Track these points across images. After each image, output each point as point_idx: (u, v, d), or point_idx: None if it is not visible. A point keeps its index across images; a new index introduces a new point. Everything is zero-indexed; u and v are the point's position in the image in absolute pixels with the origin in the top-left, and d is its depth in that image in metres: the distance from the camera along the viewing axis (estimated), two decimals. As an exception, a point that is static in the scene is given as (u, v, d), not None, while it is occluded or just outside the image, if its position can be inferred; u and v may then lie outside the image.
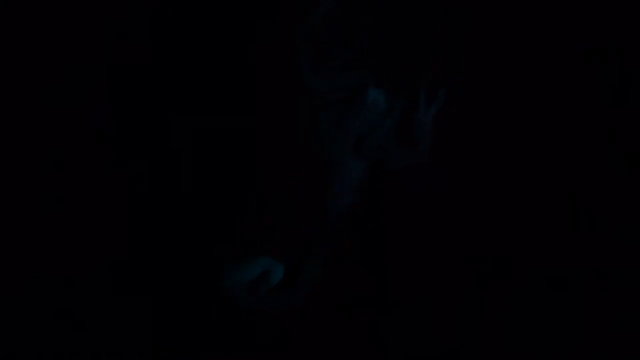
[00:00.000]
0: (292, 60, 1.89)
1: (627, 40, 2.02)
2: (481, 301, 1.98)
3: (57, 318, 2.01)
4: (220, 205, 2.01)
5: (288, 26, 1.91)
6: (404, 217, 1.98)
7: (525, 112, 2.01)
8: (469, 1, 1.98)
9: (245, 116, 1.99)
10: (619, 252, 1.99)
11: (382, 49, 1.98)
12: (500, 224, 2.00)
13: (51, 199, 2.02)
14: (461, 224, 1.99)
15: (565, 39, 2.01)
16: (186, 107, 2.01)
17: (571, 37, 2.01)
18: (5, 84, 2.02)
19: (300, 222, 1.94)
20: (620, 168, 2.01)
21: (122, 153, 2.02)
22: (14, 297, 2.00)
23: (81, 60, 2.03)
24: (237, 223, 1.99)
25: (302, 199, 1.94)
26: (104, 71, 2.02)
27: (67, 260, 2.02)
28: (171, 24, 2.01)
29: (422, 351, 1.97)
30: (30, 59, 2.02)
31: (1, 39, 2.02)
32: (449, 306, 1.97)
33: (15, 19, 2.02)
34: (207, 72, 2.01)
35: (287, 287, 1.94)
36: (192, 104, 2.01)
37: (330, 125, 1.93)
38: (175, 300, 1.99)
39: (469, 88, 1.97)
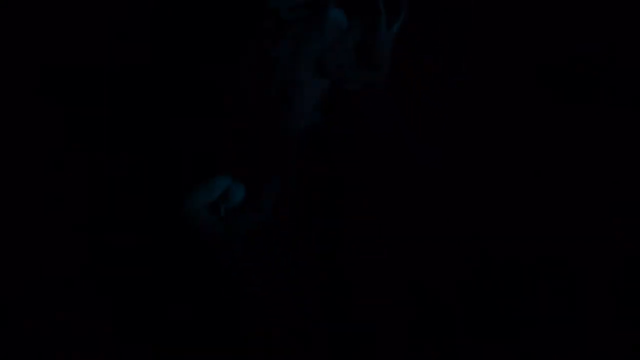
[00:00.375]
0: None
1: (625, 42, 2.06)
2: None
3: (58, 318, 2.00)
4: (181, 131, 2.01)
5: None
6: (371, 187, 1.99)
7: (522, 105, 2.04)
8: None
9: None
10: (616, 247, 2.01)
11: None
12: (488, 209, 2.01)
13: (51, 199, 2.02)
14: (445, 205, 1.99)
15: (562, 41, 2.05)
16: (186, 107, 2.02)
17: (568, 39, 2.05)
18: (4, 84, 2.02)
19: (261, 141, 1.94)
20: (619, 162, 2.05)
21: (122, 153, 2.03)
22: (14, 297, 1.99)
23: (81, 60, 2.04)
24: (196, 144, 1.99)
25: (263, 117, 1.94)
26: (104, 71, 2.03)
27: (67, 261, 2.01)
28: (171, 24, 2.02)
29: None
30: (30, 59, 2.04)
31: (1, 39, 2.03)
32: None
33: (15, 19, 2.03)
34: (207, 72, 2.03)
35: (249, 206, 1.93)
36: (192, 104, 2.02)
37: (290, 44, 1.93)
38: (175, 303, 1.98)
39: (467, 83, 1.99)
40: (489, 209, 2.00)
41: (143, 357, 1.97)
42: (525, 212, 2.00)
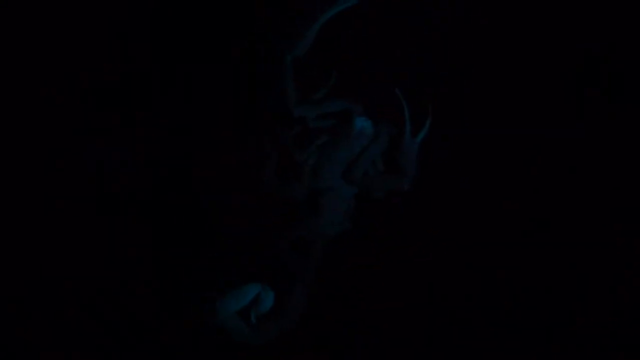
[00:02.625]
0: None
1: (626, 41, 2.02)
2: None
3: (57, 318, 2.04)
4: (207, 232, 2.04)
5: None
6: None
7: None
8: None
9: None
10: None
11: (368, 77, 2.02)
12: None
13: (50, 198, 2.05)
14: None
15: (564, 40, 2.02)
16: (186, 107, 2.03)
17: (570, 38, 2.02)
18: (4, 84, 2.06)
19: (288, 248, 1.97)
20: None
21: (121, 152, 2.04)
22: (14, 297, 2.03)
23: (81, 60, 2.07)
24: (224, 251, 2.03)
25: (289, 223, 1.97)
26: (103, 71, 2.04)
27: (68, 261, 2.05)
28: (171, 24, 2.04)
29: None
30: (30, 58, 2.07)
31: (1, 38, 2.07)
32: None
33: (15, 18, 2.07)
34: (207, 72, 2.04)
35: (278, 313, 1.95)
36: (191, 104, 2.04)
37: (317, 152, 1.96)
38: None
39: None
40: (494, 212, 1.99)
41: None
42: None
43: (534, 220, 2.00)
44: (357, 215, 1.97)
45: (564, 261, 1.99)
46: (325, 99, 1.98)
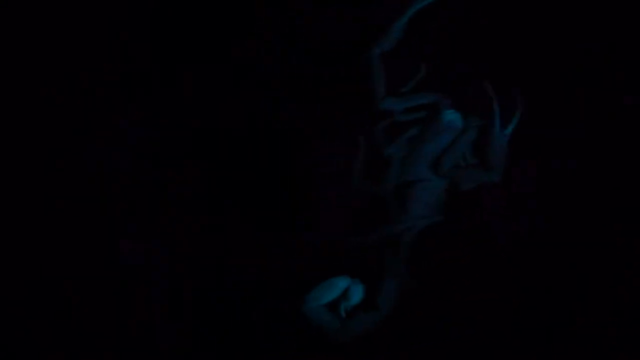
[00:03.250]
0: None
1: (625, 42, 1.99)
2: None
3: (57, 317, 2.04)
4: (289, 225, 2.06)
5: None
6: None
7: None
8: None
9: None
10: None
11: (457, 70, 2.02)
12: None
13: (50, 198, 2.06)
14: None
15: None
16: (186, 106, 2.04)
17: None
18: (4, 84, 2.07)
19: (378, 241, 1.97)
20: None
21: (122, 151, 2.05)
22: (13, 297, 2.03)
23: (81, 60, 2.08)
24: (313, 243, 2.04)
25: (382, 220, 1.97)
26: (103, 71, 2.06)
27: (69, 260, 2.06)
28: (171, 24, 2.05)
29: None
30: (30, 58, 2.08)
31: (1, 39, 2.08)
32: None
33: (15, 18, 2.08)
34: (207, 72, 2.04)
35: (368, 307, 1.96)
36: (192, 103, 2.04)
37: (405, 145, 1.97)
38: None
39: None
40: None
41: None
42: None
43: (534, 220, 1.97)
44: (447, 208, 1.96)
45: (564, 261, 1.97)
46: (413, 92, 1.99)
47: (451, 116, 1.95)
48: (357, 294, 1.98)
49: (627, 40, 2.03)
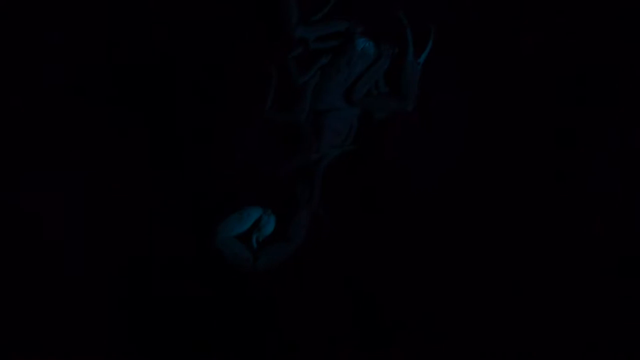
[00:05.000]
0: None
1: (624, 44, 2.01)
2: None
3: (58, 317, 2.04)
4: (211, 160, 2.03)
5: None
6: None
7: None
8: None
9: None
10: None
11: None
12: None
13: (50, 198, 2.05)
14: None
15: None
16: (186, 106, 2.03)
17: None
18: (5, 84, 2.05)
19: (290, 169, 1.95)
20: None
21: (121, 151, 2.04)
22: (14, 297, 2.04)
23: (81, 60, 2.06)
24: (227, 175, 2.01)
25: (291, 146, 1.95)
26: (103, 71, 2.04)
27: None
28: (171, 24, 2.04)
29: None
30: (30, 59, 2.05)
31: (1, 39, 2.06)
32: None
33: (15, 18, 2.06)
34: (208, 72, 2.03)
35: (280, 237, 1.95)
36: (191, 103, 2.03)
37: (318, 73, 1.94)
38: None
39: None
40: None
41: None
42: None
43: (533, 220, 1.99)
44: (359, 136, 1.95)
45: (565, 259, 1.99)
46: (326, 19, 1.95)
47: (364, 44, 1.93)
48: (269, 225, 1.96)
49: None
